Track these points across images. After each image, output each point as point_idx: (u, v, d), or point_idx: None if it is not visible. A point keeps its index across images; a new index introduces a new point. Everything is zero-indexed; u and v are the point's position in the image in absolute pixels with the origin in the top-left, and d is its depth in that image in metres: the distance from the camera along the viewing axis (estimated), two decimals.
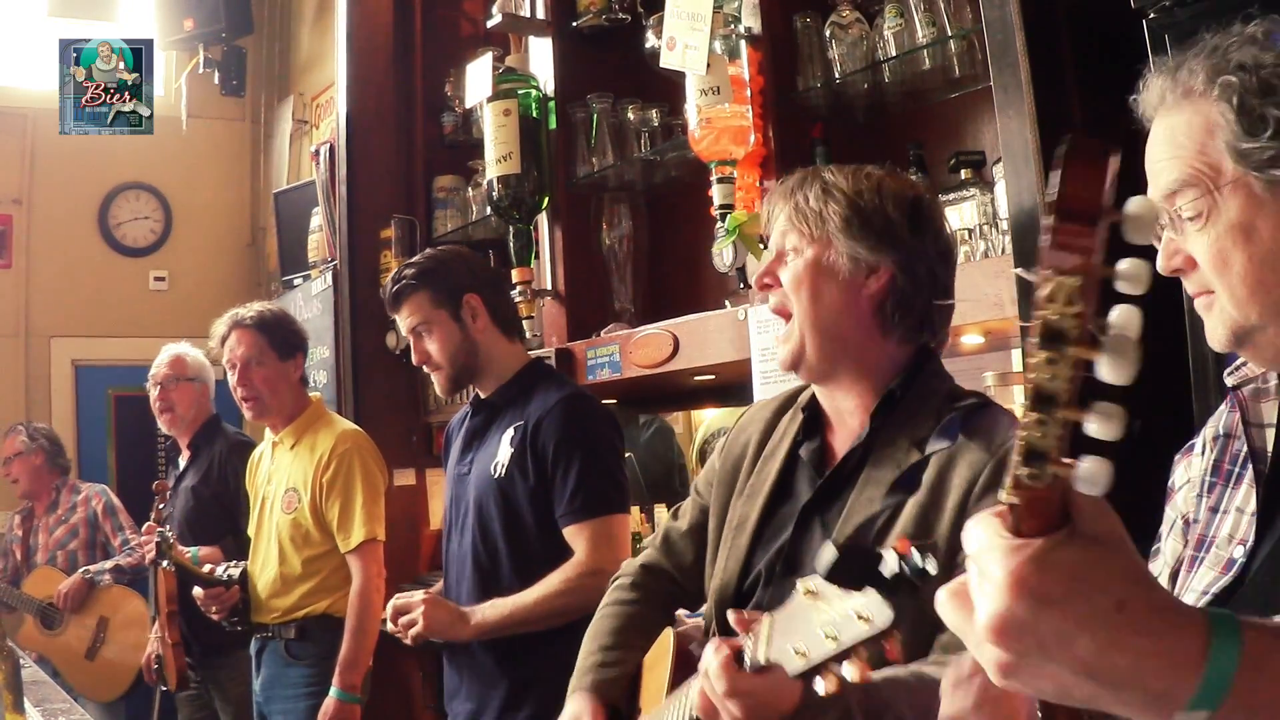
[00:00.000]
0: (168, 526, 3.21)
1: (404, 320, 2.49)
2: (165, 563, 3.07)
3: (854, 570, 1.00)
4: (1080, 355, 0.59)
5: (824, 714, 1.22)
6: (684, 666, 1.49)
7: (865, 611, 0.98)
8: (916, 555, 0.98)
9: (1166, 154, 1.01)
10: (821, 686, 1.03)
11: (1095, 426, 0.60)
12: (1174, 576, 1.16)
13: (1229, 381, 1.13)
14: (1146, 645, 0.63)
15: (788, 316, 1.54)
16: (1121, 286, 0.62)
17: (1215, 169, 0.97)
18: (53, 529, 4.47)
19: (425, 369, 2.52)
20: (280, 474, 3.16)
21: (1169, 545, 1.19)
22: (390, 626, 2.41)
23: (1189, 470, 1.19)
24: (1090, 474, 0.61)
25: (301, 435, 3.16)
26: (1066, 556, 0.64)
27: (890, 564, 0.98)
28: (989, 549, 0.66)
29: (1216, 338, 1.03)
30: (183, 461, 3.67)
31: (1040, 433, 0.61)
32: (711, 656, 1.24)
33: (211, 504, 3.51)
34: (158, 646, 3.28)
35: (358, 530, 2.99)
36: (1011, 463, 0.63)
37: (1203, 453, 1.17)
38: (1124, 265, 0.62)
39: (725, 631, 1.40)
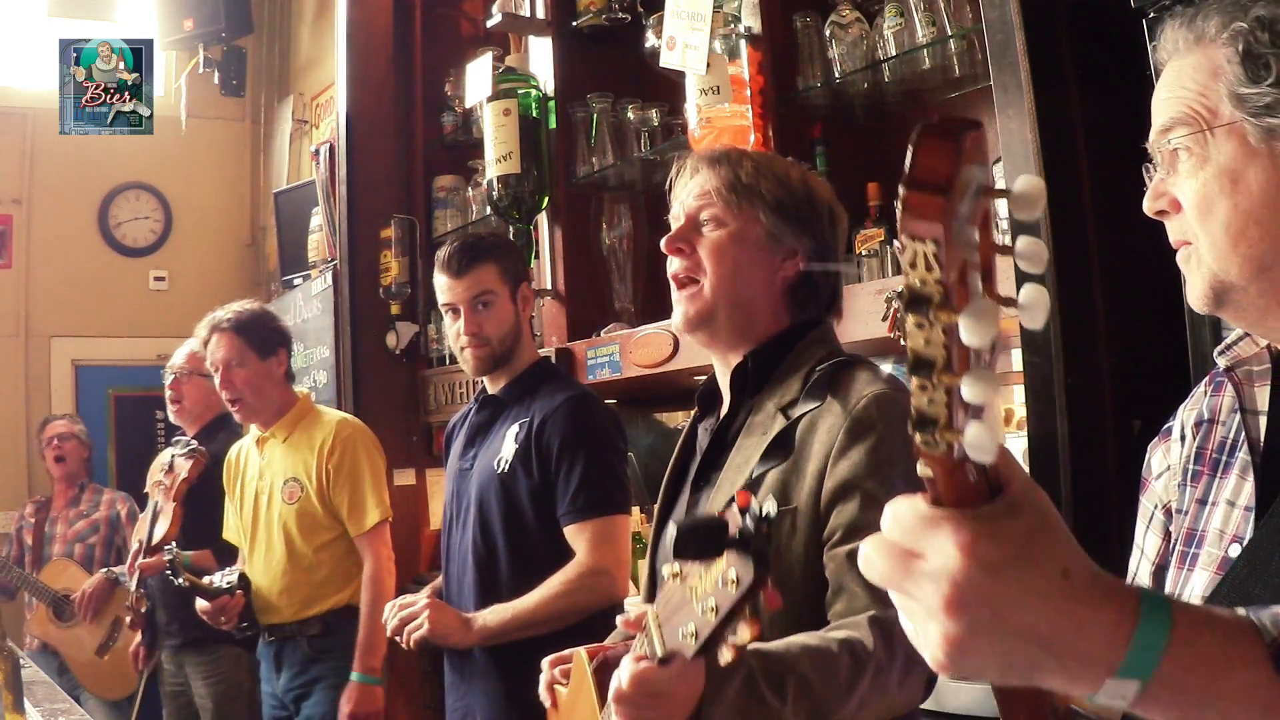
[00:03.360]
0: (174, 544, 3.16)
1: (463, 287, 2.41)
2: (180, 580, 3.02)
3: (701, 542, 1.01)
4: (947, 320, 0.58)
5: (729, 683, 1.24)
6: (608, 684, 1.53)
7: (731, 574, 0.99)
8: (754, 504, 0.98)
9: (1168, 94, 1.02)
10: (723, 657, 1.04)
11: (969, 390, 0.59)
12: (1158, 573, 1.13)
13: (1221, 363, 1.10)
14: (1088, 612, 0.64)
15: (686, 284, 1.59)
16: (1022, 265, 0.63)
17: (1212, 111, 0.98)
18: (73, 522, 4.50)
19: (464, 343, 2.42)
20: (275, 467, 3.15)
21: (1150, 540, 1.16)
22: (390, 628, 2.38)
23: (1167, 457, 1.16)
24: (977, 440, 0.60)
25: (294, 428, 3.16)
26: (1012, 526, 0.64)
27: (734, 522, 0.99)
28: (922, 523, 0.64)
29: (1196, 294, 1.02)
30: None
31: (925, 399, 0.60)
32: (620, 671, 1.24)
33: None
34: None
35: (371, 513, 3.03)
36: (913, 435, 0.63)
37: (1182, 439, 1.14)
38: (1021, 243, 0.62)
39: None
